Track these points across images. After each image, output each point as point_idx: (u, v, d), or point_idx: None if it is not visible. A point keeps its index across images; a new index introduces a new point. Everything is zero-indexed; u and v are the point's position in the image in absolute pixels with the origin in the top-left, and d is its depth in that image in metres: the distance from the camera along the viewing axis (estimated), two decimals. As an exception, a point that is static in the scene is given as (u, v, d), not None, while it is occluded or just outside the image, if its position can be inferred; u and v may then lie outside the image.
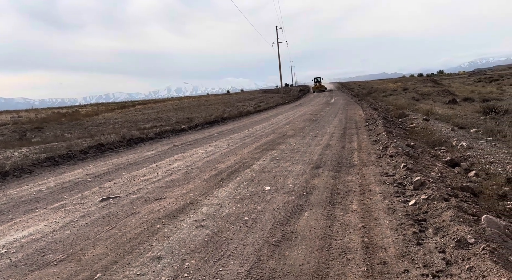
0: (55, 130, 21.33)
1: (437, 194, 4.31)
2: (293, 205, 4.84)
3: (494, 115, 12.00)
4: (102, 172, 7.92)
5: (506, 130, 8.98)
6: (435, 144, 9.25)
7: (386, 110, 19.32)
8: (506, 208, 4.49)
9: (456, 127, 10.85)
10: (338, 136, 10.91)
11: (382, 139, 9.08)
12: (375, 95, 36.44)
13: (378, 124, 12.15)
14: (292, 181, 6.07)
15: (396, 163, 6.46)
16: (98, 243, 3.98)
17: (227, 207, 4.92)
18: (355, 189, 5.36)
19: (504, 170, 6.05)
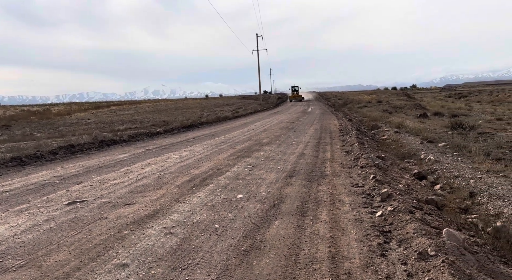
0: (23, 129, 20.56)
1: (402, 206, 4.45)
2: (265, 213, 4.86)
3: (461, 130, 12.51)
4: (71, 175, 7.69)
5: (471, 145, 9.37)
6: (405, 156, 9.54)
7: (360, 122, 19.78)
8: (467, 222, 4.68)
9: (425, 141, 11.23)
10: (312, 145, 11.07)
11: (354, 150, 9.28)
12: (350, 106, 37.24)
13: (351, 135, 12.42)
14: (265, 189, 6.11)
15: (366, 174, 6.62)
16: (61, 248, 3.86)
17: (198, 214, 4.89)
18: (325, 199, 5.45)
19: (468, 185, 6.31)
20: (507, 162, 7.72)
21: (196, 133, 16.38)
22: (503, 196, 5.49)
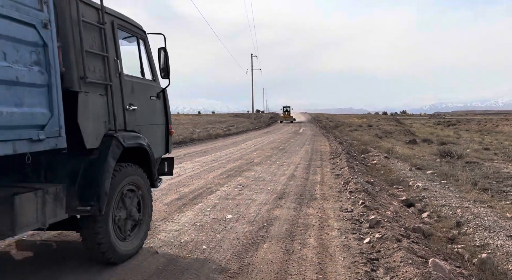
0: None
1: (390, 234, 4.48)
2: (253, 235, 4.85)
3: (450, 158, 12.73)
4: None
5: (459, 174, 9.53)
6: (393, 182, 9.64)
7: (351, 145, 19.99)
8: (453, 252, 4.72)
9: (414, 167, 11.38)
10: (303, 167, 11.12)
11: (344, 174, 9.36)
12: (341, 128, 37.69)
13: (341, 158, 12.53)
14: (254, 210, 6.10)
15: (355, 199, 6.66)
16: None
17: (186, 234, 4.85)
18: (314, 223, 5.45)
19: (454, 214, 6.40)
20: (493, 192, 7.86)
21: (187, 150, 16.35)
22: (489, 227, 5.57)
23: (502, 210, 6.61)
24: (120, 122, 3.91)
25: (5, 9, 2.46)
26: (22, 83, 2.61)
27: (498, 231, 5.46)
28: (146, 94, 4.55)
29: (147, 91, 4.60)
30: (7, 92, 2.49)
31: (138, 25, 4.49)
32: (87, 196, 3.32)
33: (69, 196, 3.24)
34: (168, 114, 5.11)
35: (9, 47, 2.52)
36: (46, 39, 2.81)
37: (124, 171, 3.76)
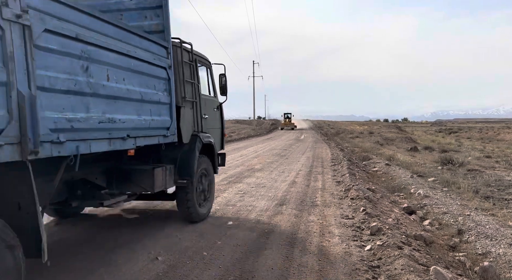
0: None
1: (391, 241, 4.46)
2: (254, 242, 4.83)
3: (451, 166, 12.70)
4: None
5: (460, 182, 9.50)
6: (395, 189, 9.61)
7: (352, 152, 19.97)
8: (455, 260, 4.70)
9: (415, 175, 11.36)
10: (304, 174, 11.10)
11: (345, 181, 9.33)
12: (342, 135, 37.69)
13: (343, 165, 12.52)
14: (255, 217, 6.08)
15: (356, 206, 6.64)
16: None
17: (187, 240, 4.83)
18: (315, 229, 5.44)
19: (456, 222, 6.37)
20: (495, 200, 7.83)
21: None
22: (491, 235, 5.54)
23: (504, 218, 6.58)
24: (199, 126, 5.67)
25: (155, 60, 4.32)
26: (161, 102, 4.48)
27: (500, 239, 5.43)
28: (212, 106, 6.40)
29: (212, 105, 6.44)
30: (155, 108, 4.33)
31: (208, 59, 6.35)
32: (184, 173, 5.15)
33: (170, 174, 4.97)
34: (223, 121, 6.92)
35: (155, 81, 4.36)
36: (170, 75, 4.70)
37: (201, 160, 5.53)
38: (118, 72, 3.67)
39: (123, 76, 3.76)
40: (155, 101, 4.33)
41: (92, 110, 3.27)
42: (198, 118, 5.66)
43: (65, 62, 2.94)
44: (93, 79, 3.29)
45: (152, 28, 4.83)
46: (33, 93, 2.56)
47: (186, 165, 5.19)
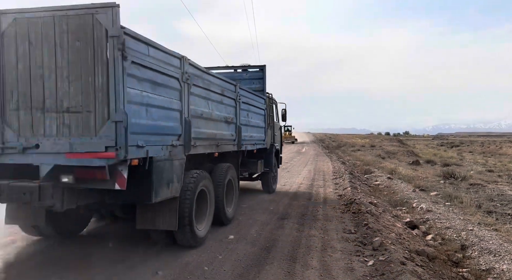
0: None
1: (394, 256, 4.42)
2: (255, 256, 4.79)
3: (453, 180, 12.64)
4: None
5: (463, 196, 9.44)
6: (397, 204, 9.55)
7: (353, 165, 19.92)
8: (458, 276, 4.64)
9: (417, 189, 11.29)
10: (305, 187, 11.07)
11: (347, 194, 9.29)
12: (344, 149, 37.66)
13: (344, 178, 12.47)
14: (256, 230, 6.04)
15: (358, 221, 6.60)
16: None
17: (188, 254, 4.80)
18: (317, 244, 5.40)
19: (459, 237, 6.31)
20: (498, 215, 7.77)
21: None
22: (494, 251, 5.48)
23: (507, 233, 6.51)
24: (273, 139, 9.81)
25: (260, 105, 8.41)
26: (262, 127, 8.58)
27: (504, 255, 5.37)
28: (277, 128, 10.54)
29: (277, 127, 10.57)
30: (260, 130, 8.47)
31: (276, 100, 10.38)
32: (267, 165, 9.14)
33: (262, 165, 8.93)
34: (282, 137, 11.70)
35: (261, 117, 8.51)
36: (265, 113, 8.79)
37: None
38: (249, 112, 7.60)
39: (251, 115, 7.70)
40: (261, 127, 8.57)
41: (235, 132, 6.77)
42: (272, 134, 9.85)
43: (202, 102, 5.34)
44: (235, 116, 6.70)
45: (256, 89, 8.78)
46: (188, 119, 4.78)
47: (268, 161, 9.35)
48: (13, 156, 3.67)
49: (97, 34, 3.49)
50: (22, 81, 3.67)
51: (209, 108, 5.53)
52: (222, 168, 6.24)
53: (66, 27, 3.56)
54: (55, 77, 3.60)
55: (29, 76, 3.66)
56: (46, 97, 3.63)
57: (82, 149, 3.51)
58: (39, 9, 3.66)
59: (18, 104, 3.69)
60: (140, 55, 3.79)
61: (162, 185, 4.13)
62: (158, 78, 4.14)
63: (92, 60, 3.53)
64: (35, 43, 3.63)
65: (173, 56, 4.48)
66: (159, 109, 4.17)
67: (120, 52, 3.46)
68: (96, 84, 3.52)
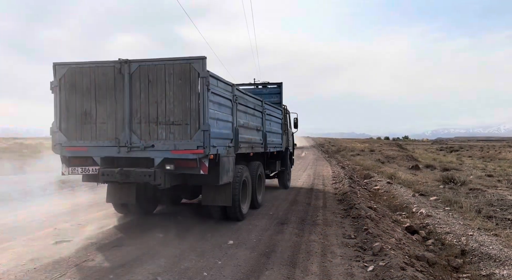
0: (15, 162, 20.33)
1: (394, 262, 4.41)
2: (255, 262, 4.78)
3: (453, 185, 12.62)
4: (59, 212, 7.56)
5: (462, 201, 9.43)
6: (397, 208, 9.54)
7: (353, 170, 19.91)
8: (458, 281, 4.62)
9: (417, 194, 11.28)
10: (305, 192, 11.05)
11: (347, 199, 9.28)
12: (343, 153, 37.65)
13: (344, 183, 12.46)
14: (256, 236, 6.02)
15: (358, 226, 6.58)
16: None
17: (187, 259, 4.78)
18: (317, 249, 5.38)
19: (459, 242, 6.29)
20: (498, 220, 7.75)
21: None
22: (495, 256, 5.47)
23: (507, 238, 6.50)
24: (287, 143, 11.61)
25: (279, 116, 10.44)
26: (280, 133, 10.57)
27: (504, 260, 5.36)
28: (290, 134, 12.28)
29: (290, 133, 12.26)
30: (279, 136, 10.48)
31: (288, 109, 12.07)
32: (283, 165, 11.36)
33: (279, 165, 10.90)
34: (294, 142, 13.40)
35: (279, 125, 10.48)
36: (282, 122, 10.83)
37: None
38: (271, 122, 9.35)
39: (272, 124, 9.52)
40: (279, 133, 10.42)
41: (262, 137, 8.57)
42: (287, 139, 11.71)
43: (243, 115, 7.16)
44: (262, 125, 8.53)
45: (274, 102, 10.87)
46: (237, 128, 6.53)
47: (284, 161, 11.40)
48: (137, 152, 5.64)
49: (192, 75, 5.40)
50: (143, 104, 5.61)
51: (247, 120, 7.44)
52: (255, 165, 8.14)
53: (172, 71, 5.48)
54: (165, 102, 5.54)
55: (148, 101, 5.60)
56: (159, 115, 5.57)
57: (181, 148, 5.46)
58: (155, 59, 5.58)
59: (140, 119, 5.64)
60: (214, 87, 5.68)
61: (224, 173, 6.09)
62: (221, 101, 6.04)
63: (189, 92, 5.43)
64: (152, 80, 5.57)
65: (228, 85, 6.35)
66: (222, 121, 6.07)
67: (206, 87, 5.39)
68: (191, 107, 5.44)
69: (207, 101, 5.40)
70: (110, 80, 5.70)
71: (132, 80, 5.60)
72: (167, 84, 5.50)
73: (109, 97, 5.71)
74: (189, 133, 5.45)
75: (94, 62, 5.78)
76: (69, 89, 5.81)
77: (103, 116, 5.75)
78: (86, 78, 5.76)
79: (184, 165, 5.54)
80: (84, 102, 5.78)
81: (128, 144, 5.62)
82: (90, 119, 5.79)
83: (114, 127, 5.72)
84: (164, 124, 5.55)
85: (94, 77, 5.74)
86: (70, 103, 5.83)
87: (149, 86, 5.57)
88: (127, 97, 5.63)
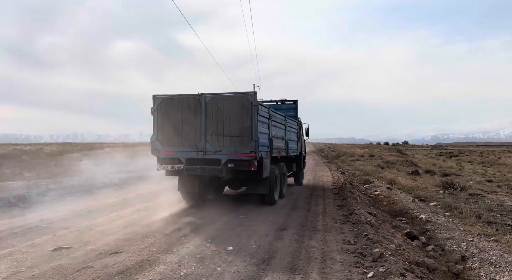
0: (14, 168, 20.31)
1: (394, 268, 4.39)
2: (254, 268, 4.76)
3: (453, 190, 12.61)
4: (59, 218, 7.54)
5: (462, 207, 9.41)
6: (397, 214, 9.52)
7: (353, 175, 19.89)
8: (459, 287, 4.60)
9: (417, 199, 11.26)
10: (305, 197, 11.03)
11: (346, 205, 9.26)
12: (343, 158, 37.62)
13: (344, 188, 12.45)
14: (255, 242, 6.01)
15: (358, 232, 6.57)
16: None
17: (186, 266, 4.77)
18: (316, 255, 5.36)
19: (459, 248, 6.27)
20: (498, 226, 7.74)
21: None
22: (495, 262, 5.45)
23: (507, 244, 6.48)
24: (301, 149, 14.30)
25: (295, 126, 12.93)
26: (295, 141, 13.00)
27: (504, 266, 5.34)
28: (303, 141, 15.03)
29: (303, 140, 15.01)
30: (297, 143, 13.27)
31: (301, 121, 14.62)
32: (298, 166, 14.09)
33: (295, 166, 13.71)
34: (305, 147, 16.01)
35: (296, 134, 13.11)
36: (297, 130, 13.36)
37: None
38: (290, 132, 11.82)
39: (291, 133, 12.00)
40: (295, 141, 12.84)
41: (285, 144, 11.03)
42: (301, 145, 14.02)
43: (273, 128, 9.50)
44: (284, 135, 11.04)
45: (291, 115, 12.73)
46: (271, 138, 9.22)
47: (299, 163, 13.84)
48: (209, 155, 8.24)
49: (247, 104, 8.02)
50: (214, 123, 8.17)
51: (276, 132, 9.88)
52: (281, 165, 10.50)
53: (234, 101, 8.13)
54: (228, 122, 8.13)
55: (217, 121, 8.19)
56: (224, 130, 8.14)
57: (239, 152, 8.08)
58: (222, 93, 8.27)
59: (212, 133, 8.23)
60: (261, 111, 8.31)
61: (265, 170, 8.69)
62: (263, 120, 8.65)
63: (245, 115, 8.04)
64: (220, 107, 8.17)
65: (266, 108, 9.03)
66: (264, 134, 8.63)
67: (256, 111, 8.01)
68: (246, 125, 8.04)
69: (256, 121, 8.05)
70: (192, 106, 8.32)
71: (207, 107, 8.25)
72: (230, 110, 8.13)
73: (191, 118, 8.31)
74: (245, 143, 8.07)
75: (181, 95, 8.42)
76: (163, 113, 8.46)
77: (187, 131, 8.36)
78: (175, 105, 8.41)
79: (241, 164, 8.16)
80: (173, 121, 8.40)
81: (204, 150, 8.28)
82: (177, 132, 8.41)
83: (194, 138, 8.32)
84: (227, 136, 8.17)
85: (181, 105, 8.39)
86: (164, 122, 8.46)
87: (218, 111, 8.20)
88: (204, 118, 8.24)
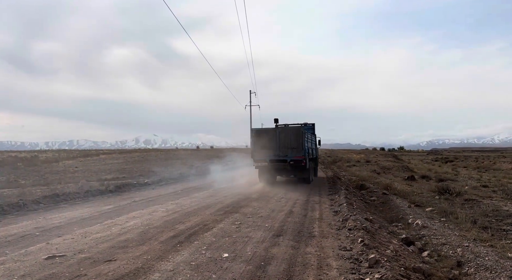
0: (8, 175, 20.15)
1: (390, 274, 4.38)
2: (250, 275, 4.73)
3: (448, 195, 12.65)
4: (53, 226, 7.47)
5: (458, 212, 9.44)
6: (393, 220, 9.52)
7: (349, 181, 19.92)
8: (455, 293, 4.59)
9: (412, 205, 11.29)
10: (301, 203, 11.01)
11: (343, 211, 9.25)
12: (339, 164, 37.68)
13: (340, 194, 12.44)
14: (251, 248, 5.97)
15: (354, 238, 6.55)
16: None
17: (181, 274, 4.73)
18: (313, 262, 5.34)
19: (455, 253, 6.27)
20: (493, 231, 7.75)
21: (184, 185, 16.24)
22: (491, 267, 5.45)
23: (503, 249, 6.49)
24: (315, 153, 21.64)
25: (314, 137, 21.00)
26: (314, 149, 20.88)
27: (500, 271, 5.34)
28: (316, 148, 22.36)
29: (316, 147, 22.24)
30: (313, 150, 20.14)
31: (316, 135, 22.13)
32: (316, 164, 23.28)
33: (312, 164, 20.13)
34: (317, 152, 23.48)
35: (313, 143, 20.75)
36: (315, 141, 21.40)
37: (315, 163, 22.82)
38: (311, 142, 19.50)
39: (312, 143, 19.96)
40: (314, 148, 20.86)
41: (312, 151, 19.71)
42: (316, 151, 21.68)
43: (307, 141, 17.38)
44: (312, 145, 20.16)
45: (311, 133, 20.41)
46: (305, 148, 16.73)
47: (316, 162, 23.46)
48: (281, 158, 16.33)
49: (301, 130, 16.35)
50: (281, 141, 16.38)
51: (308, 144, 16.84)
52: (312, 162, 18.21)
53: (292, 130, 16.69)
54: (289, 140, 16.27)
55: (284, 139, 16.33)
56: (287, 144, 16.29)
57: (297, 155, 16.12)
58: (286, 126, 18.45)
59: (280, 146, 16.39)
60: (305, 135, 16.58)
61: (308, 164, 16.58)
62: (306, 139, 16.67)
63: (299, 136, 16.21)
64: (286, 133, 16.42)
65: (308, 133, 17.46)
66: (306, 146, 16.46)
67: (305, 134, 16.57)
68: (299, 142, 16.15)
69: (304, 140, 15.92)
70: (271, 133, 16.31)
71: (280, 133, 16.13)
72: (291, 134, 16.03)
73: (272, 139, 16.20)
74: (300, 151, 15.63)
75: (266, 128, 17.09)
76: (256, 137, 16.52)
77: (270, 146, 16.16)
78: (264, 133, 16.57)
79: (297, 162, 15.87)
80: (262, 141, 16.24)
81: (278, 155, 16.03)
82: (264, 147, 16.16)
83: (273, 150, 16.17)
84: (290, 148, 15.96)
85: (266, 132, 16.51)
86: (257, 142, 16.40)
87: (285, 135, 16.07)
88: (278, 139, 16.11)
